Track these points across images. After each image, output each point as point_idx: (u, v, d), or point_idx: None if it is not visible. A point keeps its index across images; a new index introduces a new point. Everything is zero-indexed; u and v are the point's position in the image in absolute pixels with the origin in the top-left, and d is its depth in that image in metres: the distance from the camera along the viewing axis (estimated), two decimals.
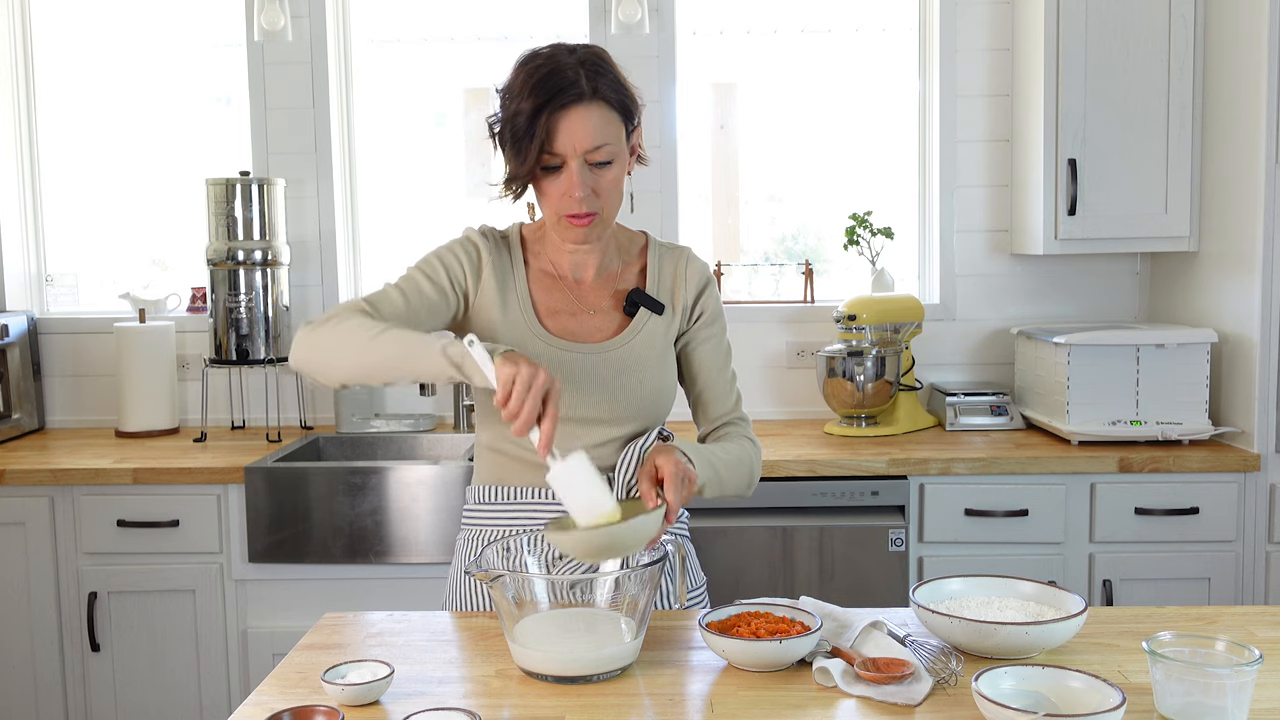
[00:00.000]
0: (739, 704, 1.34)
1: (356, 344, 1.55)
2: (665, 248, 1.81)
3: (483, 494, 1.77)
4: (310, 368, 1.60)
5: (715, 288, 1.82)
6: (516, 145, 1.59)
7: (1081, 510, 2.76)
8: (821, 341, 3.29)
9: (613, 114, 1.62)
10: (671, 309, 1.77)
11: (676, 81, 3.33)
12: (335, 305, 1.65)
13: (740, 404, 1.82)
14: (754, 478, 1.78)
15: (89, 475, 2.80)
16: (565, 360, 1.69)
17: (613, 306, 1.75)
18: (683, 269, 1.79)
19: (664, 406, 1.75)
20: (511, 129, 1.59)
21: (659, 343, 1.74)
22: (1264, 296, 2.70)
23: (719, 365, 1.80)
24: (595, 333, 1.73)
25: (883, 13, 3.45)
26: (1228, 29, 2.83)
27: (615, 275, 1.77)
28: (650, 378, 1.72)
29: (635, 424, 1.71)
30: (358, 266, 3.50)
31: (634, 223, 3.30)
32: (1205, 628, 1.57)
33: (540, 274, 1.75)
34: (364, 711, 1.34)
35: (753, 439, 1.81)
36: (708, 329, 1.79)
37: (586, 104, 1.58)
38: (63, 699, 2.86)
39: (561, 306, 1.73)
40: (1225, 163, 2.85)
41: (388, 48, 3.52)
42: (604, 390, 1.68)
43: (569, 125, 1.57)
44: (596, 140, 1.59)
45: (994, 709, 1.20)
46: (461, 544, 1.80)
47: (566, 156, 1.59)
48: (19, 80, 3.48)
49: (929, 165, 3.38)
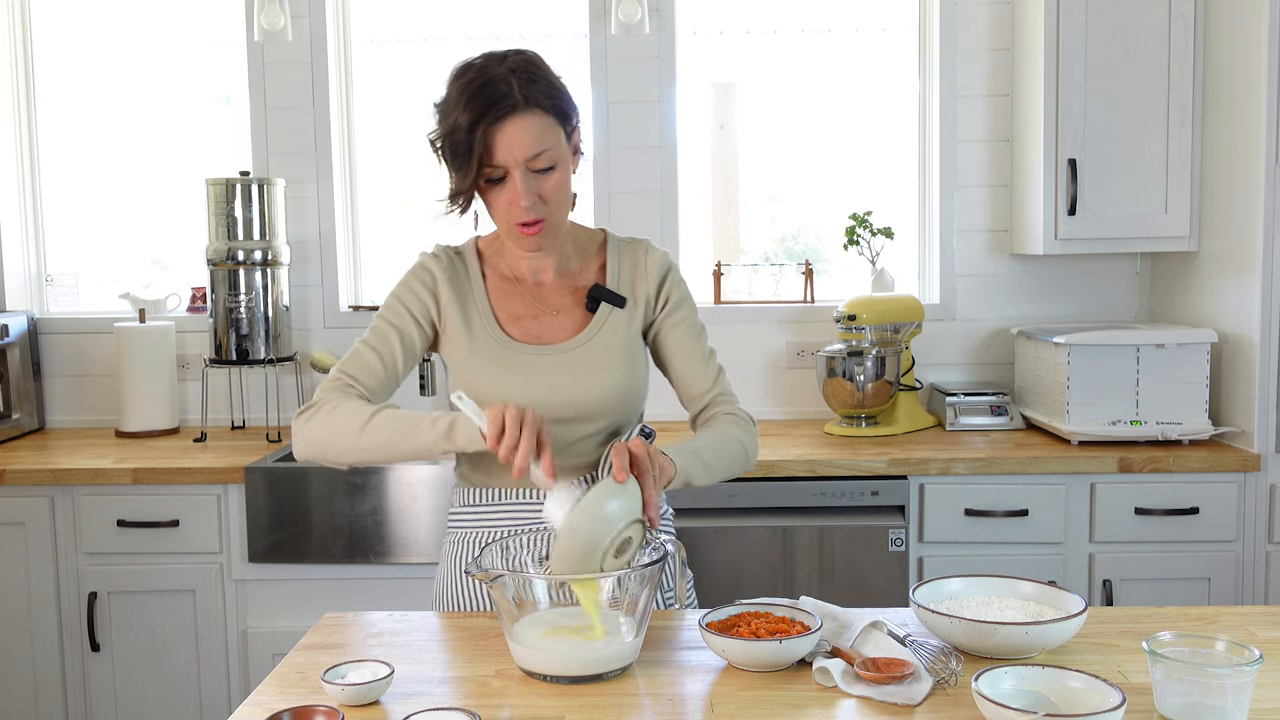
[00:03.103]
0: (739, 704, 1.34)
1: (349, 434, 1.62)
2: (624, 242, 1.83)
3: (467, 497, 1.78)
4: (315, 459, 1.67)
5: (678, 273, 1.83)
6: (457, 160, 1.61)
7: (1081, 510, 2.76)
8: (821, 341, 3.29)
9: (549, 119, 1.62)
10: (634, 301, 1.78)
11: (676, 81, 3.33)
12: (320, 385, 1.70)
13: (723, 379, 1.82)
14: (749, 452, 1.77)
15: (89, 475, 2.80)
16: (533, 363, 1.71)
17: (574, 305, 1.77)
18: (642, 261, 1.80)
19: (637, 399, 1.77)
20: (450, 144, 1.61)
21: (624, 335, 1.76)
22: (1264, 296, 2.70)
23: (692, 345, 1.80)
24: (559, 333, 1.74)
25: (883, 13, 3.45)
26: (1228, 29, 2.83)
27: (575, 274, 1.79)
28: (619, 371, 1.73)
29: (609, 419, 1.73)
30: (358, 266, 3.50)
31: (635, 223, 3.33)
32: (1205, 628, 1.57)
33: (500, 281, 1.77)
34: (364, 711, 1.34)
35: (740, 414, 1.80)
36: (675, 314, 1.80)
37: (522, 113, 1.59)
38: (63, 699, 2.86)
39: (523, 311, 1.75)
40: (1225, 163, 2.85)
41: (388, 48, 3.52)
42: (574, 388, 1.70)
43: (506, 136, 1.58)
44: (535, 148, 1.60)
45: (994, 709, 1.20)
46: (450, 547, 1.81)
47: (508, 167, 1.60)
48: (19, 80, 3.48)
49: (929, 165, 3.38)
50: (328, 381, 1.70)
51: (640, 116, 3.33)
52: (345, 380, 1.70)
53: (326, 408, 1.65)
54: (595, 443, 1.73)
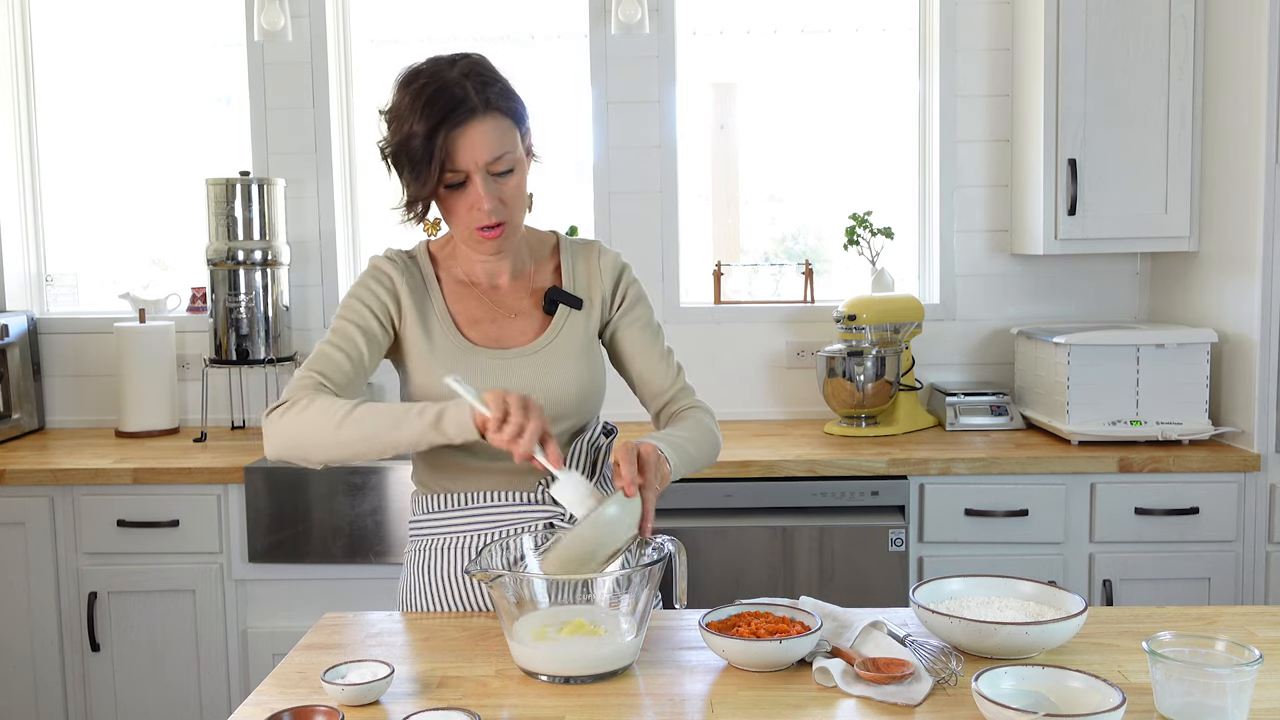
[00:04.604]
0: (739, 704, 1.34)
1: (326, 429, 1.58)
2: (577, 244, 1.84)
3: (429, 504, 1.77)
4: (289, 458, 1.63)
5: (632, 273, 1.85)
6: (415, 168, 1.59)
7: (1081, 510, 2.76)
8: (821, 341, 3.29)
9: (506, 122, 1.62)
10: (590, 302, 1.79)
11: (676, 81, 3.33)
12: (289, 382, 1.66)
13: (682, 374, 1.84)
14: (718, 443, 1.80)
15: (89, 475, 2.80)
16: (494, 366, 1.71)
17: (532, 307, 1.77)
18: (595, 262, 1.82)
19: (596, 398, 1.78)
20: (407, 152, 1.59)
21: (582, 336, 1.77)
22: (1264, 296, 2.70)
23: (649, 343, 1.82)
24: (519, 335, 1.75)
25: (883, 13, 3.45)
26: (1228, 29, 2.82)
27: (530, 276, 1.80)
28: (579, 372, 1.74)
29: (573, 419, 1.74)
30: (358, 266, 3.50)
31: (635, 223, 3.33)
32: (1205, 628, 1.57)
33: (455, 286, 1.77)
34: (364, 711, 1.34)
35: (704, 406, 1.82)
36: (631, 313, 1.82)
37: (481, 117, 1.59)
38: (63, 699, 2.86)
39: (481, 314, 1.75)
40: (1225, 163, 2.85)
41: (388, 48, 3.52)
42: (536, 390, 1.70)
43: (468, 141, 1.58)
44: (496, 151, 1.60)
45: (994, 709, 1.20)
46: (414, 554, 1.79)
47: (469, 171, 1.60)
48: (19, 80, 3.48)
49: (929, 165, 3.38)
50: (296, 380, 1.65)
51: (640, 116, 3.33)
52: (316, 378, 1.65)
53: (300, 404, 1.60)
54: (560, 443, 1.73)
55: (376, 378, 3.31)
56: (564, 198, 3.45)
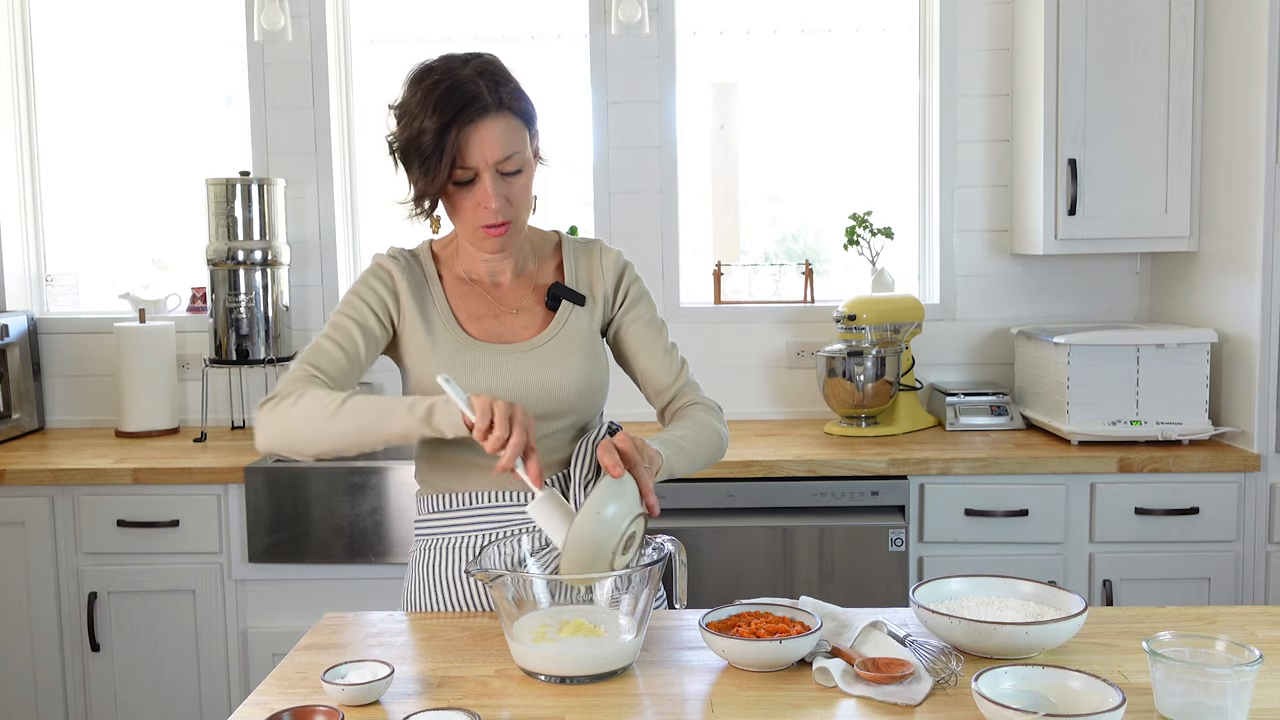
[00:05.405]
0: (739, 704, 1.34)
1: (318, 420, 1.57)
2: (579, 243, 1.84)
3: (433, 503, 1.77)
4: (279, 449, 1.62)
5: (634, 271, 1.85)
6: (425, 163, 1.60)
7: (1081, 510, 2.76)
8: (821, 341, 3.29)
9: (517, 122, 1.63)
10: (593, 299, 1.80)
11: (676, 81, 3.33)
12: (282, 378, 1.66)
13: (686, 370, 1.83)
14: (724, 439, 1.80)
15: (89, 475, 2.80)
16: (496, 362, 1.71)
17: (535, 303, 1.77)
18: (597, 260, 1.82)
19: (601, 395, 1.78)
20: (418, 147, 1.59)
21: (585, 333, 1.77)
22: (1264, 296, 2.70)
23: (654, 339, 1.82)
24: (521, 331, 1.75)
25: (883, 13, 3.45)
26: (1228, 29, 2.83)
27: (533, 273, 1.80)
28: (580, 368, 1.74)
29: (575, 416, 1.74)
30: (358, 266, 3.50)
31: (635, 223, 3.33)
32: (1205, 628, 1.57)
33: (457, 283, 1.77)
34: (364, 711, 1.34)
35: (709, 402, 1.82)
36: (634, 309, 1.82)
37: (494, 116, 1.59)
38: (63, 699, 2.86)
39: (483, 311, 1.75)
40: (1225, 163, 2.85)
41: (388, 48, 3.52)
42: (540, 385, 1.70)
43: (479, 138, 1.59)
44: (507, 150, 1.61)
45: (994, 709, 1.20)
46: (418, 554, 1.79)
47: (479, 169, 1.60)
48: (19, 80, 3.48)
49: (929, 165, 3.38)
50: (290, 373, 1.66)
51: (640, 116, 3.33)
52: (310, 371, 1.65)
53: (292, 396, 1.60)
54: (563, 440, 1.73)
55: (376, 378, 3.31)
56: (564, 198, 3.45)
